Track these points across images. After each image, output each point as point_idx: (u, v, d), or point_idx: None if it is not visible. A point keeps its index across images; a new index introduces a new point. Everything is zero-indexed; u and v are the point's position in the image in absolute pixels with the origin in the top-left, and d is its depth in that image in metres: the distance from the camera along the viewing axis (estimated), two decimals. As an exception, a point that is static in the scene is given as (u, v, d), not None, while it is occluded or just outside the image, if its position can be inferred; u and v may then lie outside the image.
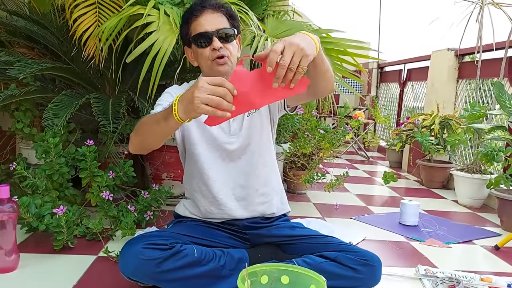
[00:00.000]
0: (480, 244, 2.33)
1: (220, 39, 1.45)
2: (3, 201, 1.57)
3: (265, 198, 1.62)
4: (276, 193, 1.67)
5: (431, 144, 3.58)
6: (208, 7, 1.48)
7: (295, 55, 1.05)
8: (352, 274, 1.42)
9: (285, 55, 1.05)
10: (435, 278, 1.76)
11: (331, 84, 1.41)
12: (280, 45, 1.06)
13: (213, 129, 1.53)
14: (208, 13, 1.47)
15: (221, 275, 1.40)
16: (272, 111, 1.63)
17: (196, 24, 1.47)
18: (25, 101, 2.27)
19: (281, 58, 1.05)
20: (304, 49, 1.07)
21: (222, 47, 1.45)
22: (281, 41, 1.08)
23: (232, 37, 1.49)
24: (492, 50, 3.34)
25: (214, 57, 1.45)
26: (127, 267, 1.34)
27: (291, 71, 1.06)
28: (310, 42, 1.12)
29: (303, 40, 1.10)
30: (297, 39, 1.08)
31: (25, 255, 1.72)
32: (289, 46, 1.06)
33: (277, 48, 1.05)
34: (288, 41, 1.07)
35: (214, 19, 1.47)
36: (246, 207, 1.59)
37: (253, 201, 1.59)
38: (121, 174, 2.18)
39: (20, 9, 2.65)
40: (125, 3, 2.16)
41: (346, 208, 2.89)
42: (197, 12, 1.48)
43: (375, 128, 6.22)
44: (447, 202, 3.32)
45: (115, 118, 2.13)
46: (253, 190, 1.58)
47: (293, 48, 1.06)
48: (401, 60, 5.54)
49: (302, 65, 1.07)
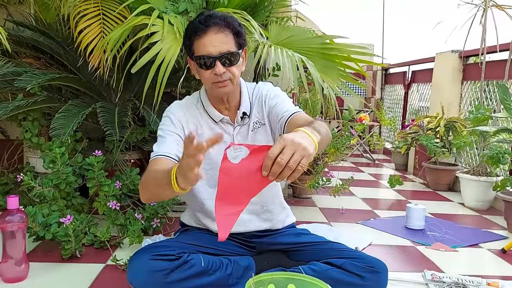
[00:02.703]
0: (487, 247, 2.32)
1: (223, 63, 1.38)
2: (13, 212, 1.59)
3: (271, 215, 1.62)
4: (283, 209, 1.68)
5: (437, 147, 3.57)
6: (213, 25, 1.37)
7: (295, 154, 1.00)
8: (358, 281, 1.43)
9: (284, 153, 1.00)
10: (442, 283, 1.77)
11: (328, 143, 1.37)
12: (277, 148, 1.01)
13: (213, 149, 1.50)
14: (212, 33, 1.37)
15: (228, 283, 1.41)
16: (273, 130, 1.58)
17: (199, 44, 1.38)
18: (32, 111, 2.30)
19: (280, 156, 0.99)
20: (306, 149, 1.02)
21: (225, 71, 1.39)
22: (278, 141, 1.02)
23: (237, 58, 1.42)
24: (496, 52, 3.33)
25: (215, 81, 1.41)
26: (136, 278, 1.35)
27: (289, 169, 1.00)
28: (311, 143, 1.06)
29: (304, 139, 1.05)
30: (298, 138, 1.03)
31: (34, 264, 1.75)
32: (291, 145, 1.01)
33: (273, 152, 1.00)
34: (290, 140, 1.02)
35: (218, 41, 1.37)
36: (252, 223, 1.59)
37: (259, 217, 1.60)
38: (127, 182, 2.20)
39: (27, 20, 2.70)
40: (130, 13, 2.19)
41: (352, 213, 2.89)
42: (200, 31, 1.37)
43: (380, 131, 6.22)
44: (453, 205, 3.31)
45: (121, 127, 2.16)
46: (258, 206, 1.59)
47: (294, 147, 1.01)
48: (406, 62, 5.54)
49: (303, 164, 1.01)
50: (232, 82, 1.44)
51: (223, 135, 1.01)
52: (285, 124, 1.46)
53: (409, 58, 5.47)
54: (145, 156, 2.70)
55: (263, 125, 1.56)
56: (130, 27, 2.09)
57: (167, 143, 1.43)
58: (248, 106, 1.55)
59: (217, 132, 1.52)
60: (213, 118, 1.54)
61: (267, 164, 1.00)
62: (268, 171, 1.01)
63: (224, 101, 1.52)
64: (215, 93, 1.47)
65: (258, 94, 1.58)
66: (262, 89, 1.59)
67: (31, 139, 2.29)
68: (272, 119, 1.54)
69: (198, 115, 1.54)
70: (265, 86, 1.60)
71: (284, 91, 1.64)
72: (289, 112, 1.47)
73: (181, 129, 1.49)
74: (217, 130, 1.53)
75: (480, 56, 3.39)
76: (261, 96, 1.57)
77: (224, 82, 1.42)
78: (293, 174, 1.01)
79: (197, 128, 1.52)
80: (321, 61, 2.46)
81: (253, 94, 1.58)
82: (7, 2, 2.80)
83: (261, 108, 1.56)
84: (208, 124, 1.54)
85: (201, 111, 1.55)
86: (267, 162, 1.00)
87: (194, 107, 1.56)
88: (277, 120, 1.51)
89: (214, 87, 1.44)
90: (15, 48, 2.55)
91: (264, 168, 1.01)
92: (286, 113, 1.47)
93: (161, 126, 1.50)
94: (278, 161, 0.99)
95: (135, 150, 2.60)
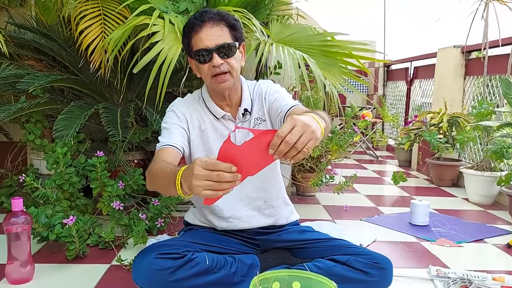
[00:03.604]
0: (492, 242, 2.32)
1: (220, 55, 1.41)
2: (17, 214, 1.60)
3: (275, 211, 1.63)
4: (286, 205, 1.69)
5: (440, 143, 3.56)
6: (208, 20, 1.42)
7: (304, 135, 1.02)
8: (363, 277, 1.42)
9: (293, 133, 1.01)
10: (447, 278, 1.76)
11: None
12: (287, 127, 1.02)
13: (217, 146, 1.50)
14: (208, 27, 1.41)
15: (232, 282, 1.41)
16: (273, 126, 1.59)
17: (196, 39, 1.42)
18: (35, 113, 2.30)
19: (289, 135, 1.00)
20: (314, 132, 1.03)
21: (223, 63, 1.42)
22: (288, 121, 1.03)
23: (234, 49, 1.44)
24: (498, 46, 3.32)
25: (214, 73, 1.42)
26: (140, 277, 1.35)
27: (295, 149, 1.01)
28: (318, 127, 1.07)
29: (313, 123, 1.06)
30: (308, 120, 1.04)
31: (39, 265, 1.75)
32: (301, 126, 1.02)
33: (283, 131, 1.01)
34: (301, 121, 1.03)
35: (214, 33, 1.41)
36: (256, 219, 1.59)
37: (263, 213, 1.60)
38: (131, 183, 2.20)
39: (28, 22, 2.70)
40: (130, 13, 2.19)
41: (356, 210, 2.89)
42: (196, 26, 1.42)
43: (383, 127, 6.20)
44: (458, 200, 3.31)
45: (124, 127, 2.16)
46: (261, 202, 1.59)
47: (304, 129, 1.02)
48: (407, 58, 5.52)
49: (309, 146, 1.03)
50: (232, 75, 1.45)
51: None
52: (284, 116, 1.48)
53: (411, 54, 5.45)
54: (148, 156, 2.70)
55: (264, 121, 1.58)
56: (131, 27, 2.09)
57: (173, 134, 1.46)
58: (249, 103, 1.57)
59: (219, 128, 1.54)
60: (215, 114, 1.55)
61: (276, 142, 1.01)
62: (275, 150, 1.02)
63: (226, 97, 1.53)
64: (216, 89, 1.48)
65: (259, 91, 1.60)
66: (262, 86, 1.61)
67: (34, 141, 2.29)
68: (272, 114, 1.56)
69: (201, 110, 1.56)
70: (265, 83, 1.63)
71: (285, 89, 1.65)
72: (288, 105, 1.49)
73: (185, 123, 1.52)
74: (219, 127, 1.55)
75: (482, 51, 3.37)
76: (261, 93, 1.59)
77: (223, 76, 1.43)
78: (298, 155, 1.03)
79: (200, 124, 1.55)
80: (323, 59, 2.46)
81: (253, 91, 1.60)
82: (8, 4, 2.81)
83: (262, 105, 1.58)
84: (211, 120, 1.56)
85: (203, 108, 1.57)
86: (276, 140, 1.01)
87: (196, 103, 1.58)
88: (276, 114, 1.53)
89: (214, 82, 1.45)
90: (17, 50, 2.56)
91: (272, 146, 1.02)
92: (285, 107, 1.49)
93: (166, 119, 1.52)
94: (287, 139, 1.00)
95: (138, 150, 2.60)
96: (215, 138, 1.54)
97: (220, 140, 1.55)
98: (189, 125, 1.52)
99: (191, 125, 1.53)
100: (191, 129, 1.53)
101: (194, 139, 1.53)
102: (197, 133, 1.54)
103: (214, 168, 0.99)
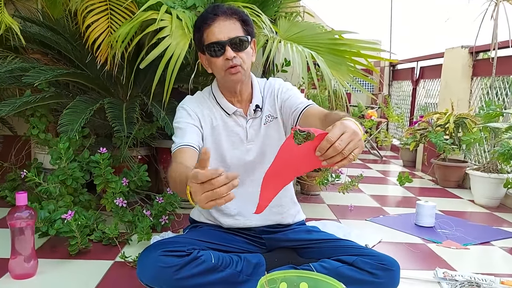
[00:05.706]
0: (498, 245, 2.29)
1: (233, 48, 1.42)
2: (21, 208, 1.58)
3: (282, 209, 1.62)
4: (294, 204, 1.68)
5: (446, 144, 3.53)
6: (220, 14, 1.44)
7: (351, 142, 1.01)
8: (370, 278, 1.41)
9: (343, 139, 1.00)
10: (455, 281, 1.74)
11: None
12: (337, 133, 1.01)
13: (227, 150, 1.52)
14: (220, 20, 1.43)
15: (238, 280, 1.40)
16: (285, 123, 1.59)
17: (208, 32, 1.44)
18: (40, 107, 2.29)
19: (338, 141, 1.00)
20: (361, 140, 1.03)
21: (235, 56, 1.42)
22: (338, 126, 1.03)
23: (246, 44, 1.45)
24: (508, 47, 3.28)
25: (227, 66, 1.43)
26: (145, 274, 1.34)
27: (341, 155, 1.01)
28: (361, 135, 1.07)
29: (359, 131, 1.06)
30: (356, 128, 1.04)
31: (42, 260, 1.74)
32: (350, 133, 1.02)
33: (333, 136, 1.00)
34: (351, 128, 1.02)
35: (226, 27, 1.43)
36: (262, 217, 1.57)
37: (270, 211, 1.58)
38: (135, 179, 2.18)
39: (34, 15, 2.68)
40: (138, 8, 2.16)
41: (361, 210, 2.87)
42: (209, 20, 1.43)
43: (388, 127, 6.17)
44: (463, 202, 3.28)
45: (129, 123, 2.14)
46: None
47: (353, 136, 1.02)
48: (414, 58, 5.48)
49: (355, 154, 1.02)
50: (243, 68, 1.45)
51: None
52: (299, 116, 1.47)
53: (417, 54, 5.41)
54: (153, 152, 2.68)
55: (275, 118, 1.57)
56: (139, 23, 2.07)
57: (188, 133, 1.45)
58: (260, 99, 1.57)
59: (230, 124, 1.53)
60: (226, 110, 1.54)
61: (324, 146, 1.01)
62: (322, 153, 1.01)
63: (237, 92, 1.53)
64: (228, 82, 1.48)
65: (270, 88, 1.59)
66: (273, 83, 1.61)
67: (38, 135, 2.28)
68: (285, 111, 1.55)
69: (212, 107, 1.56)
70: (276, 80, 1.63)
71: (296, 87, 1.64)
72: (303, 104, 1.48)
73: (198, 121, 1.51)
74: (230, 123, 1.54)
75: (491, 51, 3.33)
76: (273, 90, 1.59)
77: (236, 67, 1.43)
78: (343, 161, 1.02)
79: (212, 120, 1.54)
80: (331, 57, 2.43)
81: (264, 88, 1.60)
82: (15, -3, 2.80)
83: (273, 102, 1.58)
84: (221, 116, 1.55)
85: (214, 104, 1.56)
86: (325, 144, 1.00)
87: (207, 100, 1.57)
88: (290, 112, 1.52)
89: (227, 75, 1.45)
90: (23, 44, 2.54)
91: (319, 149, 1.01)
92: (300, 105, 1.49)
93: (178, 119, 1.51)
94: (336, 145, 1.00)
95: (143, 146, 2.58)
96: (226, 134, 1.53)
97: (230, 137, 1.54)
98: (201, 123, 1.51)
99: (204, 122, 1.52)
100: (204, 127, 1.52)
101: (207, 136, 1.52)
102: (209, 130, 1.53)
103: (201, 179, 0.93)
